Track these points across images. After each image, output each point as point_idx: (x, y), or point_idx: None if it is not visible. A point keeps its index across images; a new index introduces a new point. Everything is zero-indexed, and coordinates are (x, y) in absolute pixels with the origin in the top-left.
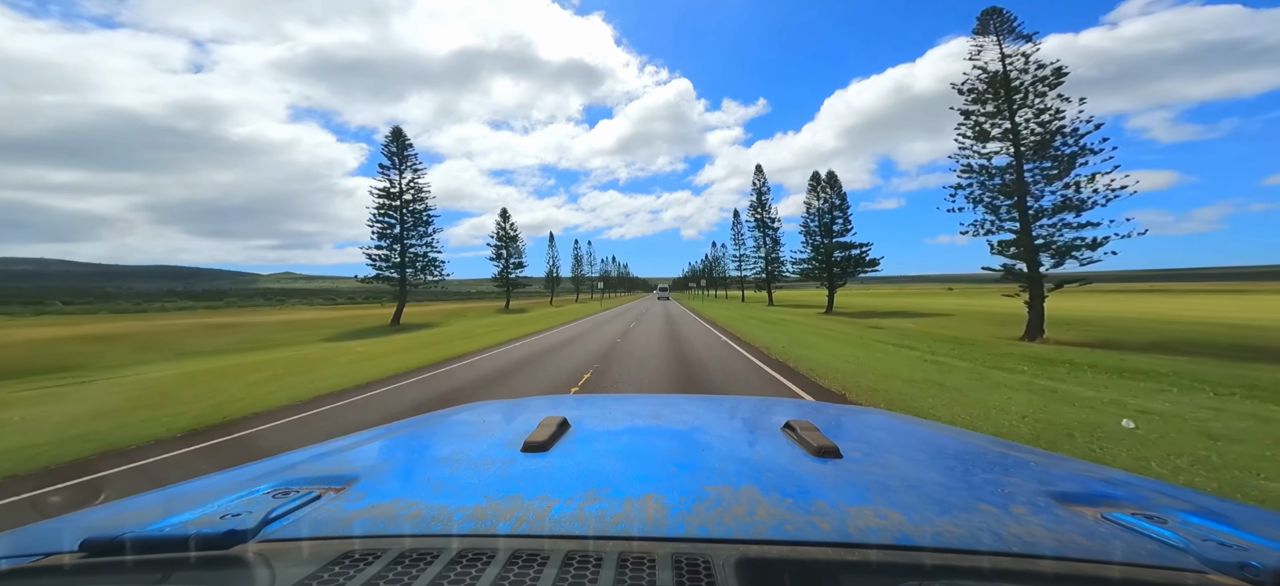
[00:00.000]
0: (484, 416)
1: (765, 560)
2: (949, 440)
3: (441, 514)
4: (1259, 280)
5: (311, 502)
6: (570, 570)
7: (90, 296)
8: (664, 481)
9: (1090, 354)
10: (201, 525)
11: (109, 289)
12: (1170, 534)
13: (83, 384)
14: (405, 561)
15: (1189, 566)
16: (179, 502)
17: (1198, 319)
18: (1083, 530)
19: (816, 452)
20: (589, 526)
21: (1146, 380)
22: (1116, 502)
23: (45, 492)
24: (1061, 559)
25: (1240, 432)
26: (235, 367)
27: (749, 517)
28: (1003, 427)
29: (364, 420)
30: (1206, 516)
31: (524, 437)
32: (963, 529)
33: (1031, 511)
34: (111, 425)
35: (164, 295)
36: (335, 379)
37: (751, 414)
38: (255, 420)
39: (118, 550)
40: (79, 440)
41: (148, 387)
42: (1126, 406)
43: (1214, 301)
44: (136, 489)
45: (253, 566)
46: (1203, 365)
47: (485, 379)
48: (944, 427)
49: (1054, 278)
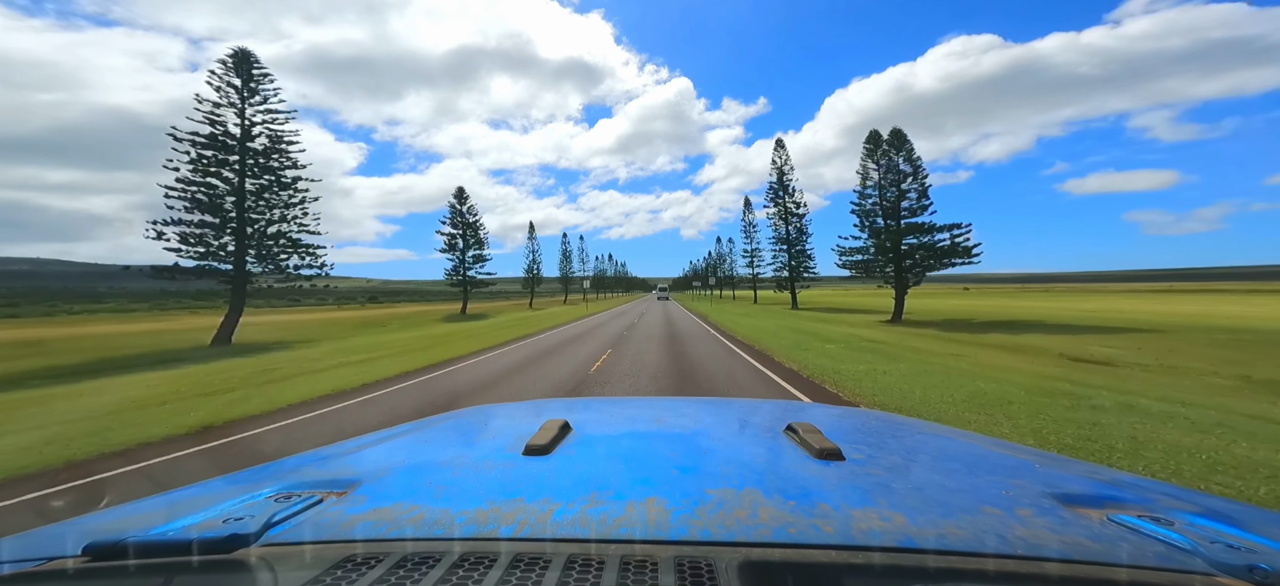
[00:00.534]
0: (486, 420)
1: (768, 563)
2: (952, 442)
3: (443, 517)
4: (1259, 280)
5: (313, 506)
6: (572, 573)
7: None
8: (666, 484)
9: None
10: (204, 529)
11: (102, 288)
12: (1177, 536)
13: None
14: (407, 564)
15: (1196, 569)
16: (181, 506)
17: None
18: (1088, 532)
19: (819, 455)
20: (591, 529)
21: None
22: (1122, 504)
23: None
24: (1067, 561)
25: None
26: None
27: (752, 520)
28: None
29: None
30: (1213, 518)
31: (526, 441)
32: (967, 531)
33: (1036, 513)
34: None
35: (160, 295)
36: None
37: (753, 416)
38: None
39: (120, 554)
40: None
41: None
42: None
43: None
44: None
45: (255, 570)
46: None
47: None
48: (947, 429)
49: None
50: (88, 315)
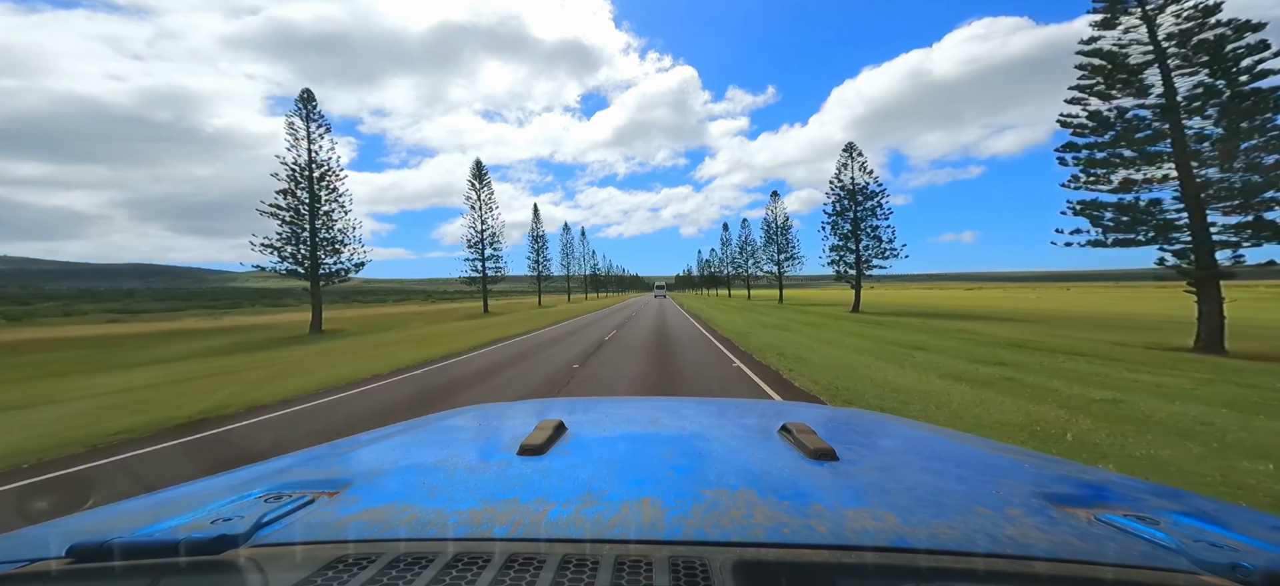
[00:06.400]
0: (479, 420)
1: (762, 563)
2: (944, 442)
3: (437, 517)
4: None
5: (305, 506)
6: (567, 573)
7: (176, 297)
8: (661, 484)
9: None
10: (192, 530)
11: (98, 288)
12: (1162, 535)
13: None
14: (400, 565)
15: (1181, 567)
16: (168, 507)
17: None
18: (1076, 531)
19: (813, 455)
20: (585, 529)
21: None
22: (1109, 504)
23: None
24: (1055, 560)
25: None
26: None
27: (746, 520)
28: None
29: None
30: (1199, 517)
31: (520, 441)
32: (958, 531)
33: (1026, 513)
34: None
35: (164, 295)
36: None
37: (748, 417)
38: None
39: (106, 556)
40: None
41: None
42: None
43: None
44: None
45: (245, 571)
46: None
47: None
48: (940, 430)
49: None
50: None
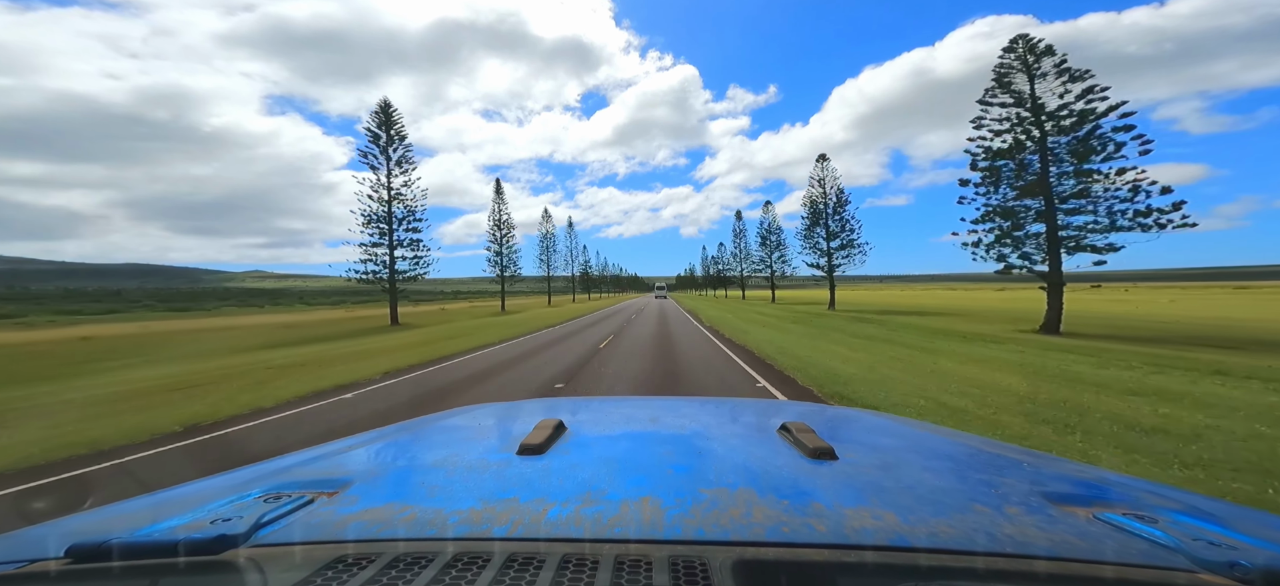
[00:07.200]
0: (479, 419)
1: (762, 562)
2: (943, 441)
3: (436, 517)
4: (1265, 279)
5: (304, 507)
6: (567, 573)
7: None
8: (660, 484)
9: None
10: (191, 530)
11: (91, 288)
12: (1161, 533)
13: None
14: (400, 565)
15: (1180, 566)
16: (167, 507)
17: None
18: (1075, 530)
19: (812, 454)
20: (585, 529)
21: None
22: (1109, 503)
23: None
24: (1055, 559)
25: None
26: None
27: (746, 519)
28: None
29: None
30: (1197, 516)
31: (520, 440)
32: (957, 529)
33: (1025, 512)
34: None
35: (164, 295)
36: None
37: (748, 416)
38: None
39: (104, 556)
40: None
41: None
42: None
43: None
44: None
45: (244, 571)
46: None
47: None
48: (939, 429)
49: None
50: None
